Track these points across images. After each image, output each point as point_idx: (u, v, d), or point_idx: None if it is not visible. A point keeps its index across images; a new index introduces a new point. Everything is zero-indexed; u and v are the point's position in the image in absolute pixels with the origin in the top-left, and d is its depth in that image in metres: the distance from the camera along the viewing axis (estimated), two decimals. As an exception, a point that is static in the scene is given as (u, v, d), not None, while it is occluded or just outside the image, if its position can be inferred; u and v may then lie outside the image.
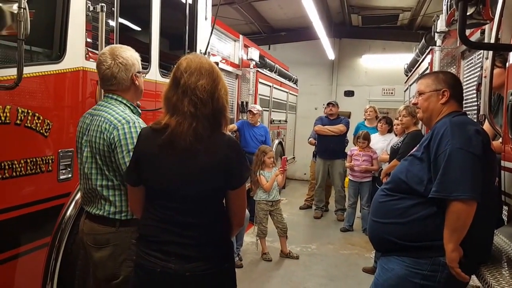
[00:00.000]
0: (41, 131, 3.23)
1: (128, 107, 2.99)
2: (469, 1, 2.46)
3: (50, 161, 3.35)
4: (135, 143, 2.69)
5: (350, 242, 8.21)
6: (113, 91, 2.98)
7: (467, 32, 4.05)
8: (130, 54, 3.00)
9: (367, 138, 8.39)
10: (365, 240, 7.68)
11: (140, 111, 3.13)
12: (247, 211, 5.19)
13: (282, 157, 7.13)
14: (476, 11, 2.54)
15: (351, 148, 8.77)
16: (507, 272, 2.56)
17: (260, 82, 10.12)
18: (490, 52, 3.02)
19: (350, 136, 9.72)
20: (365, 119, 9.63)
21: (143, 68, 3.19)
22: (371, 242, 3.05)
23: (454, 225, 2.52)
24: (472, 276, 2.72)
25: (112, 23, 3.93)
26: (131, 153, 2.70)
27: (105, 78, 2.95)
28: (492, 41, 2.75)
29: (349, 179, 8.83)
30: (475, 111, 4.39)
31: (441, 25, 6.34)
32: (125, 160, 2.75)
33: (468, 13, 2.49)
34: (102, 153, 2.82)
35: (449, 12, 2.82)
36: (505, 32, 2.85)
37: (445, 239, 2.54)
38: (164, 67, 4.86)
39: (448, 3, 2.78)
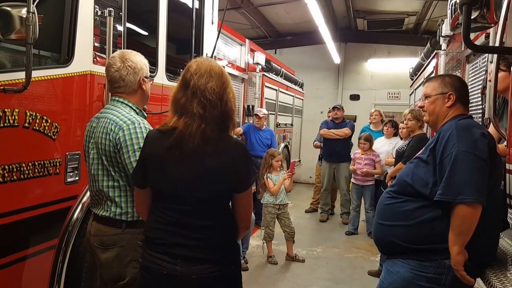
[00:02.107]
0: (49, 134, 3.26)
1: (134, 110, 3.02)
2: (473, 5, 2.46)
3: (57, 164, 3.37)
4: (140, 143, 2.73)
5: (356, 245, 8.20)
6: (120, 94, 3.02)
7: (472, 36, 4.06)
8: (139, 59, 3.06)
9: (368, 140, 8.44)
10: (371, 243, 7.68)
11: (145, 114, 3.15)
12: (253, 214, 5.21)
13: (291, 161, 7.07)
14: (480, 14, 2.53)
15: (355, 151, 8.80)
16: (512, 275, 2.54)
17: (266, 86, 10.14)
18: (495, 56, 3.02)
19: (355, 139, 9.72)
20: (370, 123, 9.65)
21: (150, 72, 3.22)
22: (376, 244, 3.04)
23: (459, 228, 2.52)
24: (477, 279, 2.71)
25: (120, 27, 3.95)
26: (136, 153, 2.74)
27: (113, 80, 2.99)
28: (497, 44, 2.75)
29: (352, 182, 8.85)
30: (480, 115, 4.40)
31: (446, 29, 6.36)
32: (131, 160, 2.78)
33: (472, 17, 2.49)
34: (108, 154, 2.85)
35: (453, 16, 2.82)
36: (509, 36, 2.86)
37: (450, 242, 2.54)
38: (171, 71, 4.89)
39: (453, 7, 2.78)
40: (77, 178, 3.55)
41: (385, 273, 2.92)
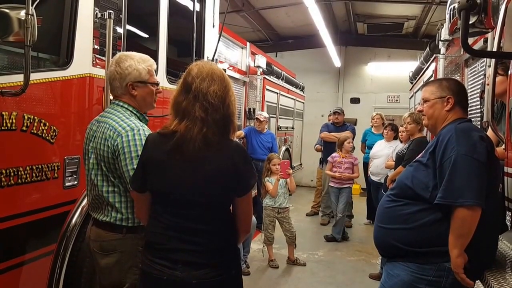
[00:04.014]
0: (47, 137, 3.23)
1: (135, 114, 2.98)
2: (471, 10, 2.49)
3: (56, 168, 3.34)
4: (138, 151, 2.70)
5: (357, 248, 8.21)
6: (120, 97, 2.99)
7: (471, 40, 4.07)
8: (129, 64, 2.95)
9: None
10: (372, 246, 7.58)
11: (147, 118, 3.12)
12: (254, 217, 5.19)
13: (281, 161, 7.01)
14: (478, 20, 2.56)
15: (332, 155, 8.78)
16: (511, 277, 2.56)
17: (267, 89, 10.16)
18: (493, 60, 3.06)
19: (356, 142, 9.73)
20: (372, 126, 9.67)
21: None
22: (377, 247, 3.06)
23: (459, 231, 2.54)
24: (476, 281, 2.73)
25: (120, 30, 3.95)
26: (134, 161, 2.70)
27: (109, 83, 3.00)
28: (495, 49, 2.77)
29: (330, 185, 8.81)
30: (479, 118, 4.41)
31: (445, 33, 6.40)
32: (127, 168, 2.73)
33: (470, 22, 2.52)
34: (106, 160, 2.82)
35: (452, 21, 2.83)
36: (507, 41, 2.89)
37: (450, 244, 2.56)
38: (172, 74, 4.88)
39: (451, 12, 2.80)
40: (75, 182, 3.52)
41: (386, 276, 2.94)
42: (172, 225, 2.42)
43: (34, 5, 2.68)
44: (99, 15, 3.63)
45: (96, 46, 3.69)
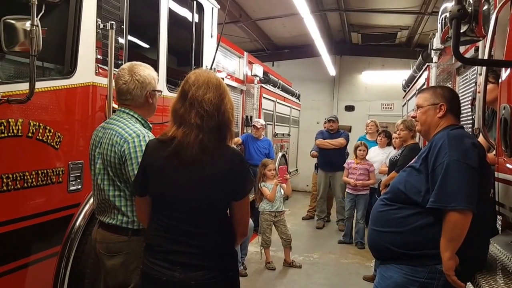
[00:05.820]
0: (52, 143, 3.29)
1: (139, 121, 3.05)
2: (462, 19, 2.51)
3: (60, 173, 3.40)
4: None
5: (351, 251, 8.28)
6: (127, 106, 3.05)
7: (462, 49, 4.12)
8: (148, 73, 3.07)
9: (367, 147, 8.53)
10: (366, 249, 7.77)
11: (151, 125, 3.17)
12: (251, 221, 5.25)
13: (279, 167, 7.13)
14: (469, 28, 2.60)
15: (348, 161, 8.81)
16: (502, 279, 2.60)
17: (264, 97, 10.25)
18: (484, 68, 3.09)
19: (350, 149, 9.80)
20: (366, 133, 9.76)
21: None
22: (371, 250, 3.10)
23: (451, 234, 2.58)
24: (467, 283, 2.77)
25: (122, 40, 4.01)
26: None
27: (121, 92, 3.03)
28: (485, 57, 2.79)
29: (346, 192, 8.83)
30: (470, 125, 4.45)
31: (437, 42, 6.42)
32: (134, 173, 2.76)
33: (461, 31, 2.55)
34: (113, 166, 2.88)
35: (443, 30, 2.89)
36: (497, 49, 2.91)
37: (442, 247, 2.61)
38: (172, 82, 4.93)
39: (443, 21, 2.85)
40: (79, 186, 3.58)
41: (379, 278, 2.98)
42: (171, 228, 2.47)
43: (39, 17, 2.74)
44: (101, 26, 3.69)
45: (98, 56, 3.75)
